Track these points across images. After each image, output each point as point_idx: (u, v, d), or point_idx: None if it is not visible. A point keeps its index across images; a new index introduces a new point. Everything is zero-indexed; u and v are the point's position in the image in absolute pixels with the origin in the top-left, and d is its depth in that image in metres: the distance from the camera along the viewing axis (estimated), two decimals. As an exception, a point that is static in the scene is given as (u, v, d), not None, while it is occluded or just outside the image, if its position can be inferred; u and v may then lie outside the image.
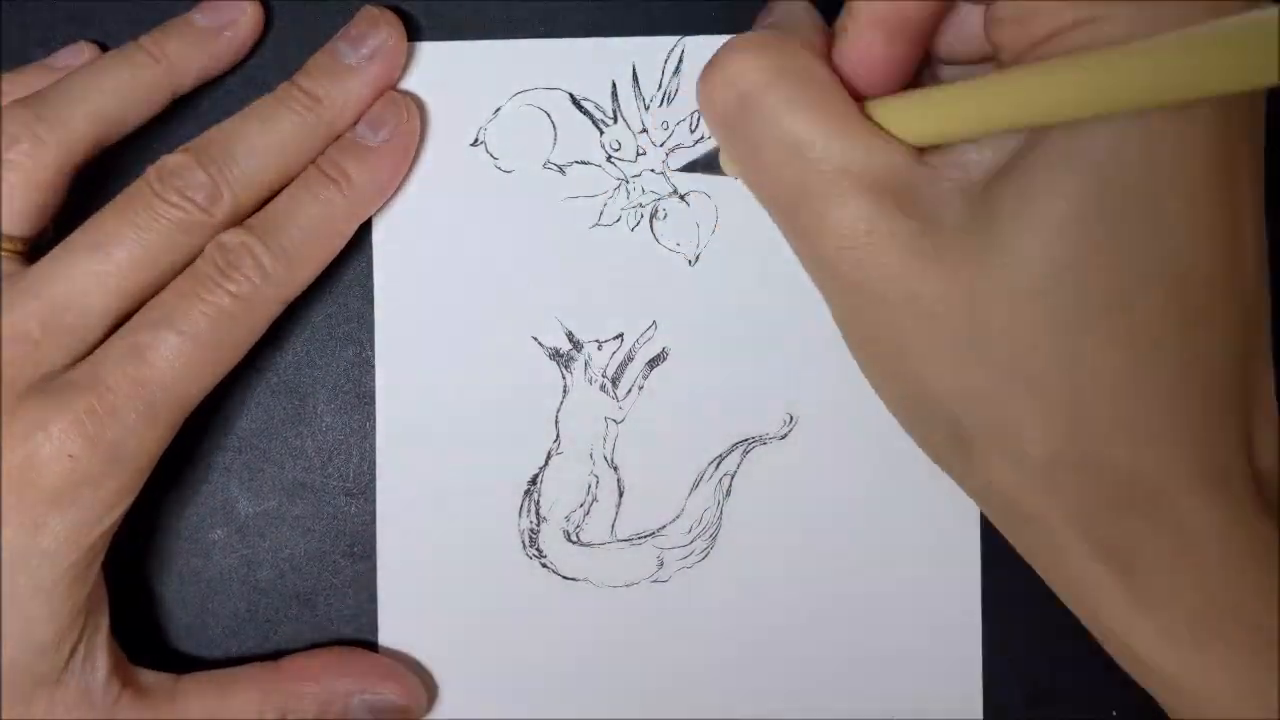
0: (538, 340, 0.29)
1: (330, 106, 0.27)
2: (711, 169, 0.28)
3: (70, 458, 0.24)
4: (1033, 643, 0.29)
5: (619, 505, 0.29)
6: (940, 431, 0.23)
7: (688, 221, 0.29)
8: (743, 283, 0.29)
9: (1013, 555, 0.29)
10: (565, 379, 0.29)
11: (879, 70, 0.23)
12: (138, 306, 0.26)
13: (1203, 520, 0.21)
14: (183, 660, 0.29)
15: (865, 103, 0.22)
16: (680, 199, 0.29)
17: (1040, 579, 0.24)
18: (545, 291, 0.29)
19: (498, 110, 0.29)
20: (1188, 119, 0.19)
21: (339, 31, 0.28)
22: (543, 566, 0.29)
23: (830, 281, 0.23)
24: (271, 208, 0.27)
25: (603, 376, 0.29)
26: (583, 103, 0.29)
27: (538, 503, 0.29)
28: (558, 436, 0.29)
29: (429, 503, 0.29)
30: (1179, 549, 0.21)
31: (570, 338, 0.29)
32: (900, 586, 0.29)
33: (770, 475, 0.29)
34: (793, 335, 0.29)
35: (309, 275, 0.27)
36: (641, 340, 0.29)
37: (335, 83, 0.27)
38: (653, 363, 0.29)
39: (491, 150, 0.29)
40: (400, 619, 0.29)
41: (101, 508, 0.25)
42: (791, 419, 0.29)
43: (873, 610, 0.29)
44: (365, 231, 0.29)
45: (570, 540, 0.29)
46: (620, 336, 0.29)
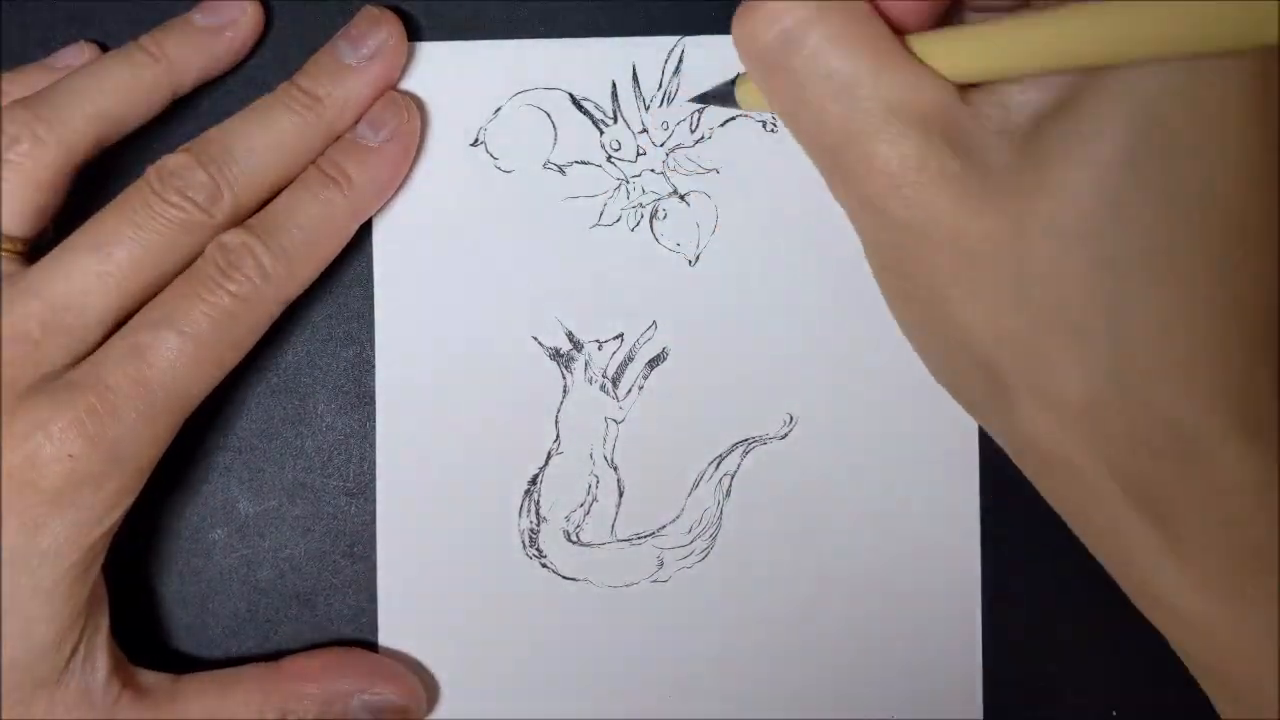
0: (538, 340, 0.29)
1: (330, 106, 0.27)
2: (725, 101, 0.27)
3: (71, 458, 0.24)
4: (1033, 642, 0.29)
5: (619, 505, 0.29)
6: (976, 378, 0.22)
7: (688, 221, 0.29)
8: (743, 283, 0.29)
9: (1014, 555, 0.29)
10: (565, 379, 0.29)
11: (911, 8, 0.22)
12: (138, 307, 0.26)
13: (1239, 469, 0.20)
14: (183, 660, 0.29)
15: (906, 39, 0.22)
16: (680, 199, 0.29)
17: (1039, 580, 0.23)
18: (545, 291, 0.29)
19: (498, 110, 0.29)
20: (1235, 63, 0.19)
21: (339, 31, 0.28)
22: (543, 566, 0.29)
23: (874, 221, 0.22)
24: (272, 208, 0.27)
25: (603, 376, 0.29)
26: (583, 103, 0.29)
27: (538, 503, 0.29)
28: (558, 436, 0.29)
29: (429, 503, 0.29)
30: (1214, 497, 0.20)
31: (570, 338, 0.29)
32: (900, 587, 0.29)
33: (770, 475, 0.29)
34: (793, 335, 0.29)
35: (310, 275, 0.27)
36: (641, 340, 0.29)
37: (335, 83, 0.27)
38: (653, 363, 0.29)
39: (492, 150, 0.29)
40: (400, 619, 0.29)
41: (102, 508, 0.25)
42: (791, 419, 0.29)
43: (873, 610, 0.29)
44: (366, 231, 0.29)
45: (570, 540, 0.29)
46: (620, 336, 0.29)
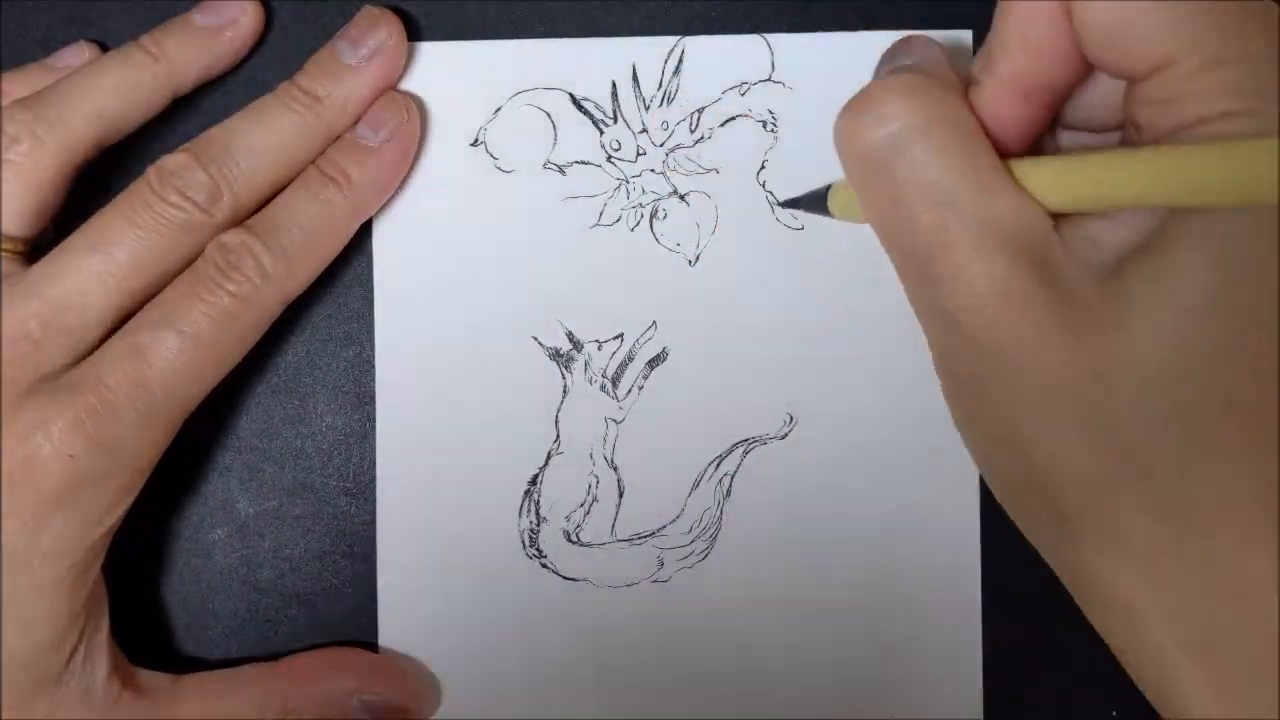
0: (538, 340, 0.29)
1: (330, 106, 0.27)
2: (817, 208, 0.27)
3: (71, 458, 0.24)
4: (1033, 643, 0.29)
5: (619, 505, 0.29)
6: (1037, 504, 0.22)
7: (688, 222, 0.29)
8: (743, 283, 0.29)
9: (1014, 555, 0.28)
10: (565, 379, 0.29)
11: (1007, 128, 0.22)
12: (138, 306, 0.26)
13: None
14: (183, 660, 0.29)
15: (1008, 163, 0.22)
16: (680, 199, 0.29)
17: (1039, 580, 0.23)
18: (545, 291, 0.29)
19: (498, 110, 0.29)
20: None
21: (339, 31, 0.28)
22: (543, 567, 0.29)
23: (952, 337, 0.22)
24: (272, 208, 0.27)
25: (603, 377, 0.29)
26: (583, 103, 0.29)
27: (538, 503, 0.29)
28: (558, 436, 0.29)
29: (429, 503, 0.29)
30: (1270, 647, 0.20)
31: (570, 338, 0.29)
32: (900, 588, 0.29)
33: (770, 475, 0.29)
34: (793, 336, 0.29)
35: (309, 275, 0.27)
36: (641, 340, 0.29)
37: (335, 82, 0.27)
38: (653, 363, 0.29)
39: (492, 150, 0.29)
40: (400, 619, 0.29)
41: (102, 508, 0.25)
42: (791, 419, 0.29)
43: (872, 611, 0.29)
44: (366, 231, 0.29)
45: (570, 540, 0.29)
46: (620, 336, 0.29)
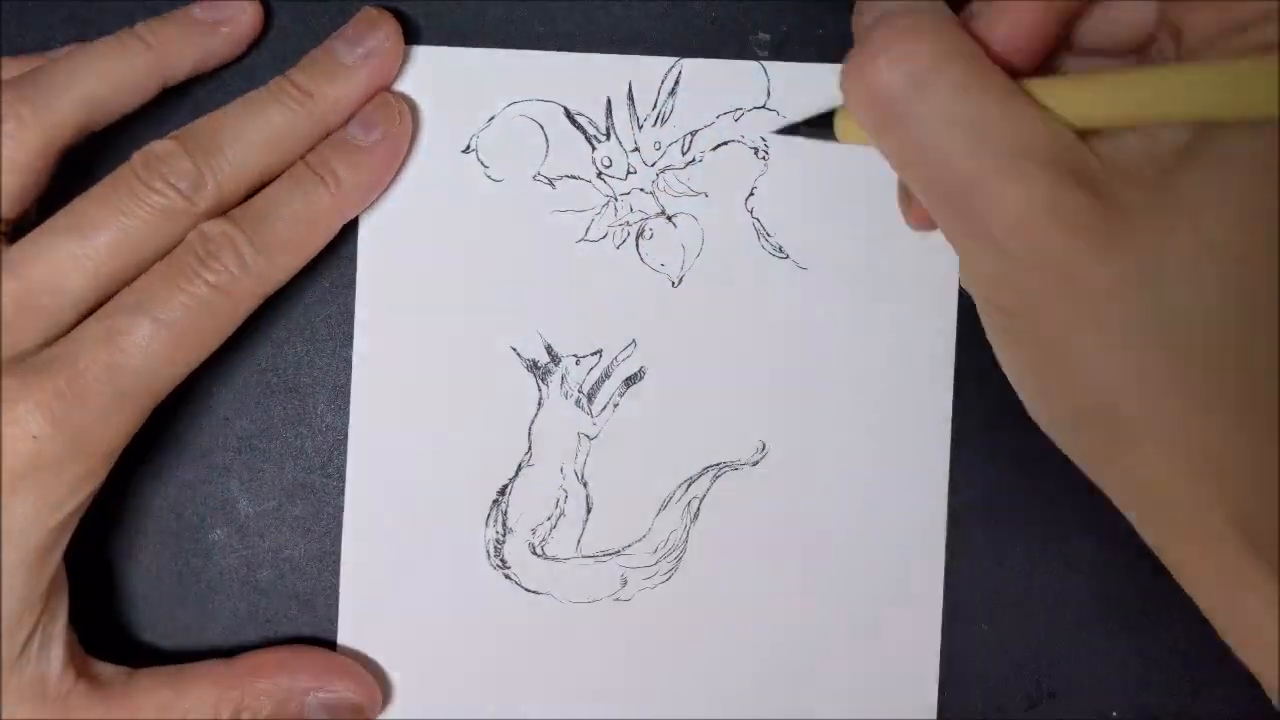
0: (516, 351, 0.29)
1: (322, 103, 0.27)
2: (819, 134, 0.26)
3: (34, 439, 0.24)
4: (1033, 643, 0.29)
5: (586, 521, 0.29)
6: (1091, 421, 0.22)
7: (673, 243, 0.29)
8: (725, 307, 0.29)
9: (1014, 554, 0.29)
10: (541, 391, 0.29)
11: (1020, 49, 0.22)
12: (116, 291, 0.26)
13: None
14: (182, 660, 0.29)
15: (1024, 84, 0.22)
16: (668, 220, 0.29)
17: (1039, 581, 0.23)
18: (527, 303, 0.29)
19: (491, 119, 0.29)
20: None
21: (337, 30, 0.28)
22: (506, 578, 0.29)
23: (996, 263, 0.22)
24: (257, 200, 0.27)
25: (579, 391, 0.29)
26: (576, 117, 0.29)
27: (505, 513, 0.29)
28: (530, 448, 0.29)
29: (396, 505, 0.29)
30: None
31: (549, 350, 0.29)
32: (862, 621, 0.29)
33: (739, 501, 0.29)
34: (771, 364, 0.29)
35: (290, 270, 0.27)
36: (620, 358, 0.29)
37: (329, 80, 0.27)
38: (630, 381, 0.29)
39: (483, 158, 0.29)
40: (360, 619, 0.29)
41: (64, 491, 0.25)
42: (764, 447, 0.29)
43: (835, 642, 0.29)
44: (360, 231, 0.29)
45: (535, 553, 0.29)
46: (599, 353, 0.29)
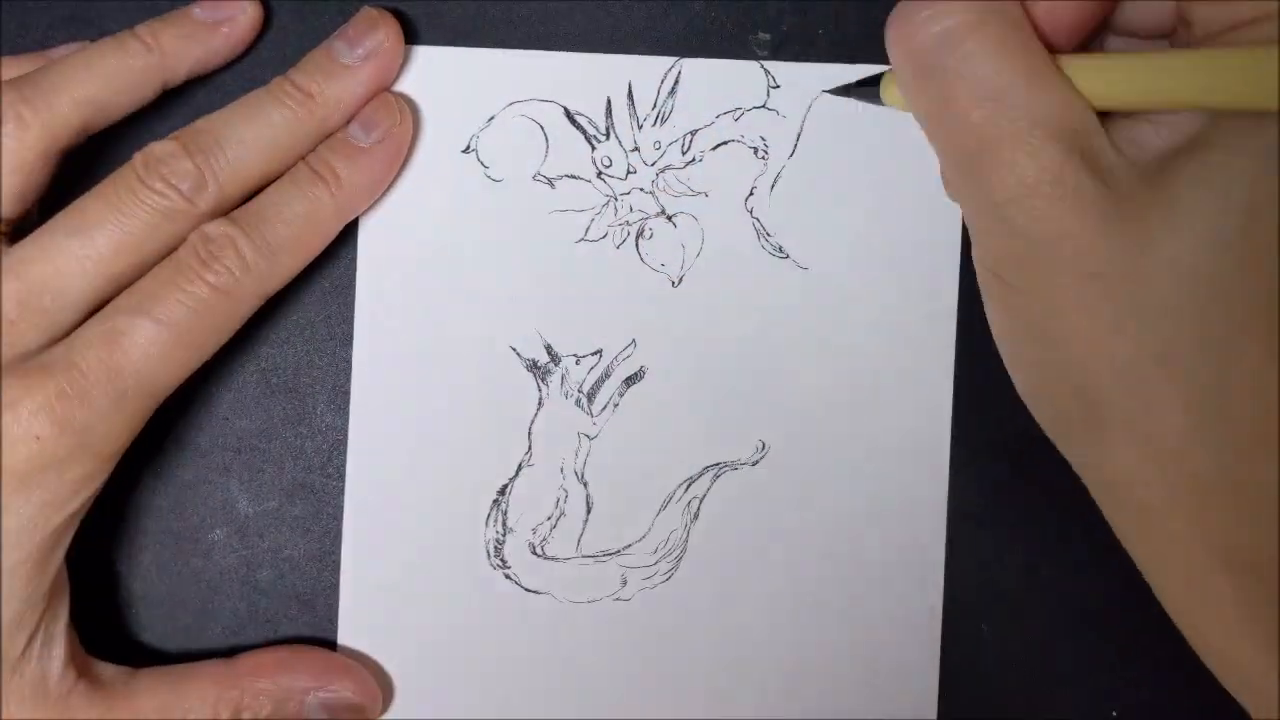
0: (516, 351, 0.29)
1: (323, 104, 0.27)
2: (867, 95, 0.27)
3: (37, 439, 0.24)
4: (1033, 643, 0.29)
5: (586, 521, 0.29)
6: (1069, 402, 0.22)
7: (673, 243, 0.29)
8: (725, 307, 0.29)
9: (1014, 554, 0.29)
10: (541, 391, 0.29)
11: (1061, 27, 0.23)
12: (117, 292, 0.26)
13: None
14: (182, 661, 0.29)
15: (1057, 58, 0.22)
16: (667, 219, 0.29)
17: (1039, 582, 0.23)
18: (527, 303, 0.29)
19: (491, 119, 0.29)
20: None
21: (337, 30, 0.28)
22: (506, 578, 0.29)
23: (997, 229, 0.22)
24: (258, 201, 0.27)
25: (579, 391, 0.29)
26: (576, 117, 0.29)
27: (505, 513, 0.29)
28: (530, 448, 0.29)
29: (396, 505, 0.29)
30: None
31: (549, 350, 0.29)
32: (862, 622, 0.29)
33: (739, 501, 0.29)
34: (771, 363, 0.29)
35: (291, 271, 0.27)
36: (620, 358, 0.29)
37: (329, 80, 0.27)
38: (630, 381, 0.29)
39: (483, 158, 0.29)
40: (360, 619, 0.29)
41: (67, 491, 0.25)
42: (764, 446, 0.29)
43: (834, 644, 0.29)
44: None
45: (535, 553, 0.29)
46: (599, 353, 0.29)
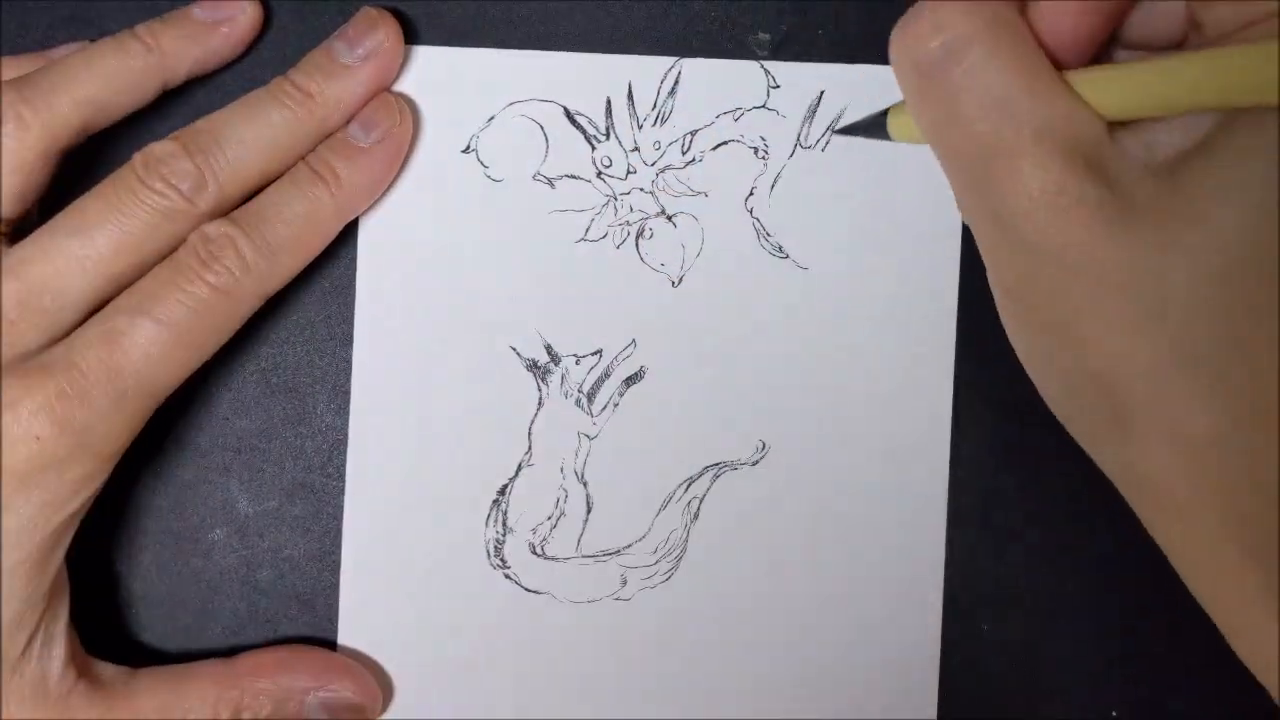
0: (516, 351, 0.29)
1: (323, 104, 0.27)
2: (875, 132, 0.27)
3: (38, 440, 0.24)
4: (1033, 643, 0.29)
5: (586, 521, 0.29)
6: (1095, 407, 0.22)
7: (673, 243, 0.29)
8: (725, 307, 0.29)
9: (1014, 554, 0.29)
10: (541, 391, 0.29)
11: (1065, 43, 0.22)
12: (117, 292, 0.26)
13: None
14: (182, 661, 0.29)
15: (1063, 74, 0.22)
16: (667, 219, 0.29)
17: (1039, 582, 0.23)
18: (527, 302, 0.29)
19: (491, 119, 0.29)
20: None
21: (336, 30, 0.28)
22: (506, 577, 0.29)
23: (1006, 243, 0.22)
24: (258, 201, 0.27)
25: (578, 391, 0.29)
26: (576, 117, 0.29)
27: (505, 513, 0.29)
28: (530, 448, 0.29)
29: (396, 505, 0.29)
30: None
31: (549, 350, 0.29)
32: (862, 622, 0.29)
33: (739, 501, 0.29)
34: (771, 363, 0.29)
35: (291, 271, 0.27)
36: (620, 358, 0.29)
37: (329, 80, 0.27)
38: (630, 381, 0.29)
39: (483, 158, 0.29)
40: (360, 619, 0.29)
41: (67, 491, 0.25)
42: (764, 446, 0.29)
43: (835, 643, 0.29)
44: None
45: (535, 553, 0.29)
46: (599, 352, 0.29)
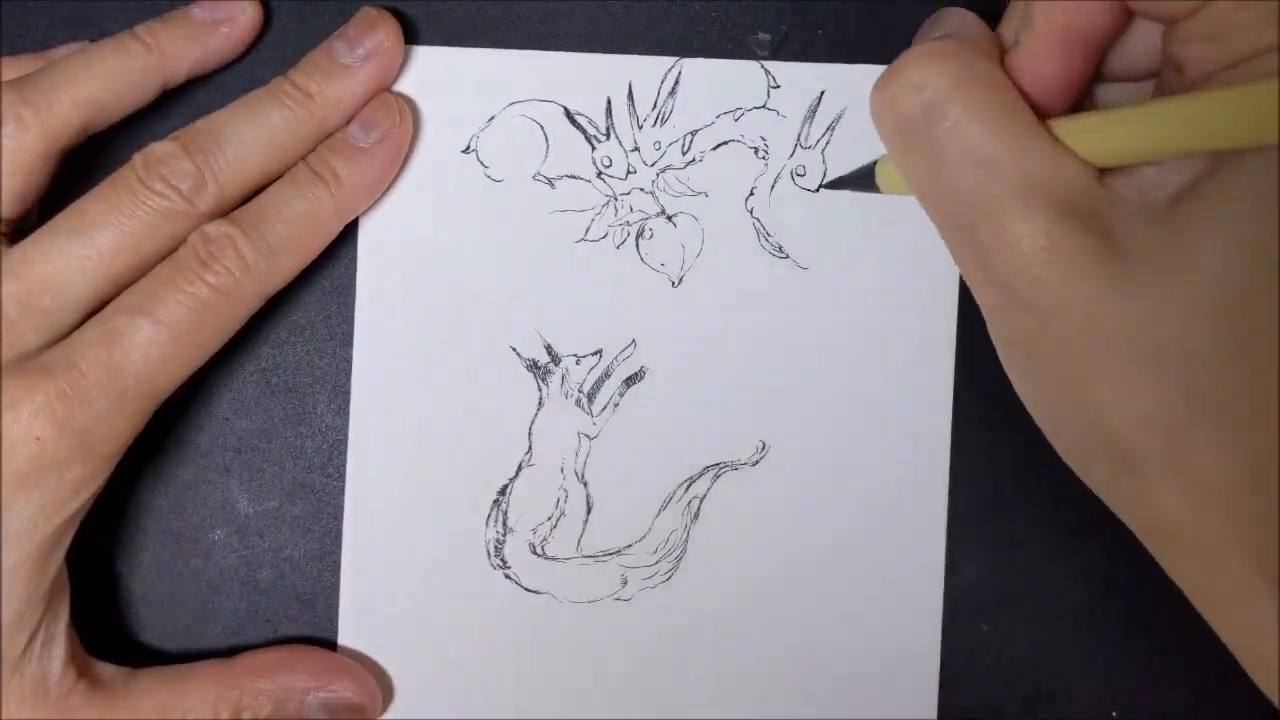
0: (516, 351, 0.29)
1: (323, 104, 0.27)
2: (863, 185, 0.27)
3: (37, 440, 0.24)
4: (1033, 643, 0.29)
5: (586, 521, 0.29)
6: (1106, 458, 0.22)
7: (673, 243, 0.29)
8: (725, 307, 0.29)
9: (1014, 554, 0.29)
10: (541, 391, 0.29)
11: (1048, 86, 0.22)
12: (118, 292, 0.26)
13: None
14: (182, 661, 0.29)
15: (1047, 122, 0.22)
16: (668, 219, 0.29)
17: (1039, 582, 0.23)
18: (527, 303, 0.29)
19: (491, 119, 0.29)
20: None
21: (336, 31, 0.28)
22: (506, 578, 0.29)
23: (1003, 300, 0.22)
24: (258, 202, 0.27)
25: (579, 391, 0.29)
26: (576, 117, 0.29)
27: (505, 513, 0.29)
28: (530, 448, 0.29)
29: (397, 505, 0.29)
30: None
31: (549, 350, 0.29)
32: (862, 623, 0.29)
33: (739, 501, 0.29)
34: (771, 363, 0.29)
35: (291, 271, 0.27)
36: (620, 358, 0.29)
37: (329, 80, 0.27)
38: (630, 381, 0.29)
39: (483, 158, 0.29)
40: (360, 619, 0.29)
41: (67, 492, 0.25)
42: (764, 446, 0.29)
43: (835, 644, 0.29)
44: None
45: (535, 553, 0.29)
46: (599, 353, 0.29)
